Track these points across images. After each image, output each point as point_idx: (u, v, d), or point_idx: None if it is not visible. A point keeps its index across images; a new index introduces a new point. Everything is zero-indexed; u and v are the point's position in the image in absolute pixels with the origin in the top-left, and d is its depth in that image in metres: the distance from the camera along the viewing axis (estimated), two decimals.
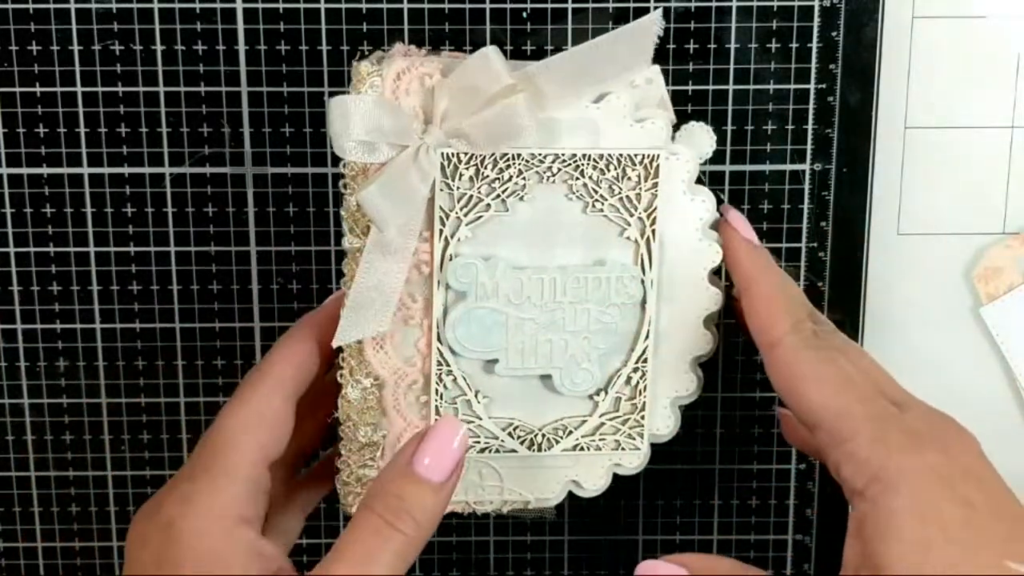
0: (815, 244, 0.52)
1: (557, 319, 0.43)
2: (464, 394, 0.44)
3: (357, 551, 0.38)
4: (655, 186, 0.42)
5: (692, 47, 0.50)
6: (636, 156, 0.42)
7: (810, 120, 0.51)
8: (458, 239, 0.42)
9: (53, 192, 0.51)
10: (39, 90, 0.50)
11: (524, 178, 0.42)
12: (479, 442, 0.44)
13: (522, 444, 0.44)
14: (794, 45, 0.50)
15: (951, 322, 0.54)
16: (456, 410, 0.44)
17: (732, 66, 0.50)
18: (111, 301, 0.52)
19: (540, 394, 0.44)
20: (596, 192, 0.42)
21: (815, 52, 0.50)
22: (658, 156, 0.42)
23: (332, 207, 0.51)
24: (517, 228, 0.42)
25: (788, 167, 0.51)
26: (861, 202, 0.51)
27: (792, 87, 0.50)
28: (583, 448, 0.44)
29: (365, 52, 0.49)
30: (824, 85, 0.50)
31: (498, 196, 0.42)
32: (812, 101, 0.51)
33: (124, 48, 0.50)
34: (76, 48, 0.50)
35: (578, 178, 0.42)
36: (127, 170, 0.51)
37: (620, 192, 0.42)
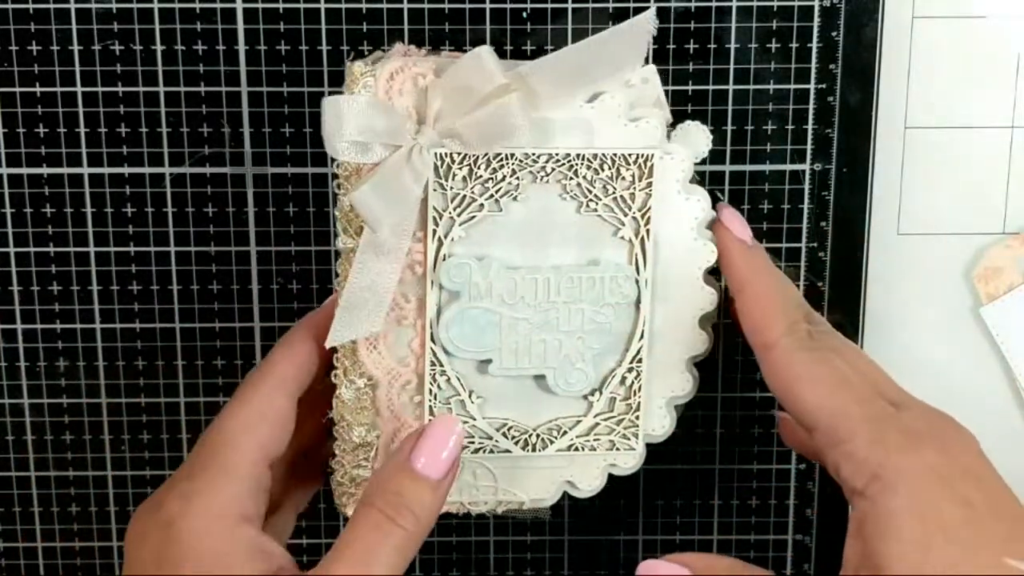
0: (815, 244, 0.52)
1: (551, 319, 0.43)
2: (458, 394, 0.44)
3: (359, 547, 0.38)
4: (649, 186, 0.42)
5: (692, 47, 0.50)
6: (630, 156, 0.42)
7: (810, 120, 0.51)
8: (451, 239, 0.42)
9: (53, 192, 0.51)
10: (39, 90, 0.50)
11: (518, 178, 0.42)
12: (473, 442, 0.44)
13: (516, 444, 0.44)
14: (794, 45, 0.50)
15: (951, 322, 0.54)
16: (450, 410, 0.44)
17: (732, 66, 0.50)
18: (111, 301, 0.52)
19: (534, 394, 0.44)
20: (590, 192, 0.42)
21: (815, 52, 0.50)
22: (652, 156, 0.42)
23: (332, 207, 0.51)
24: (511, 228, 0.42)
25: (788, 167, 0.51)
26: (861, 202, 0.51)
27: (792, 87, 0.50)
28: (577, 448, 0.44)
29: (365, 52, 0.49)
30: (824, 85, 0.50)
31: (491, 196, 0.42)
32: (812, 101, 0.51)
33: (124, 48, 0.50)
34: (76, 48, 0.50)
35: (572, 178, 0.42)
36: (127, 170, 0.51)
37: (614, 192, 0.42)
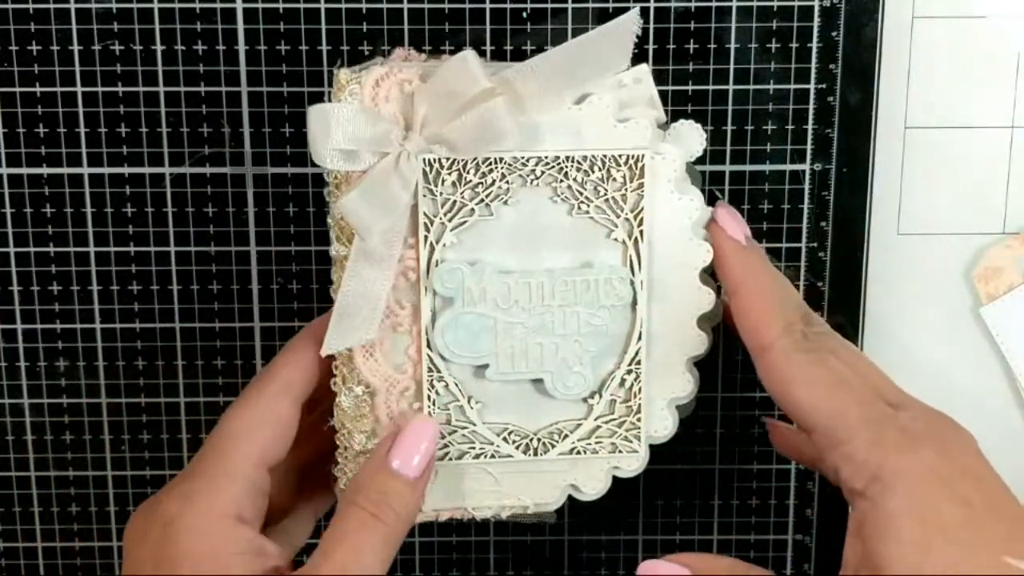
0: (815, 244, 0.52)
1: (546, 323, 0.43)
2: (456, 400, 0.43)
3: (347, 544, 0.39)
4: (641, 186, 0.42)
5: (692, 47, 0.50)
6: (620, 156, 0.42)
7: (810, 120, 0.51)
8: (443, 245, 0.42)
9: (53, 192, 0.51)
10: (39, 90, 0.50)
11: (508, 182, 0.42)
12: (474, 448, 0.44)
13: (518, 449, 0.44)
14: (794, 45, 0.50)
15: (951, 322, 0.54)
16: (449, 416, 0.43)
17: (732, 66, 0.50)
18: (111, 301, 0.52)
19: (533, 398, 0.44)
20: (581, 194, 0.42)
21: (815, 52, 0.50)
22: (643, 156, 0.42)
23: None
24: (502, 232, 0.42)
25: (788, 167, 0.51)
26: (861, 202, 0.51)
27: (792, 87, 0.50)
28: (580, 452, 0.44)
29: (365, 52, 0.49)
30: (824, 85, 0.50)
31: (482, 200, 0.42)
32: (812, 101, 0.51)
33: (124, 48, 0.50)
34: (76, 48, 0.50)
35: (562, 180, 0.42)
36: (127, 170, 0.51)
37: (606, 193, 0.42)
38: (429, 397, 0.43)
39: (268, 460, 0.42)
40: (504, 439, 0.44)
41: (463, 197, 0.42)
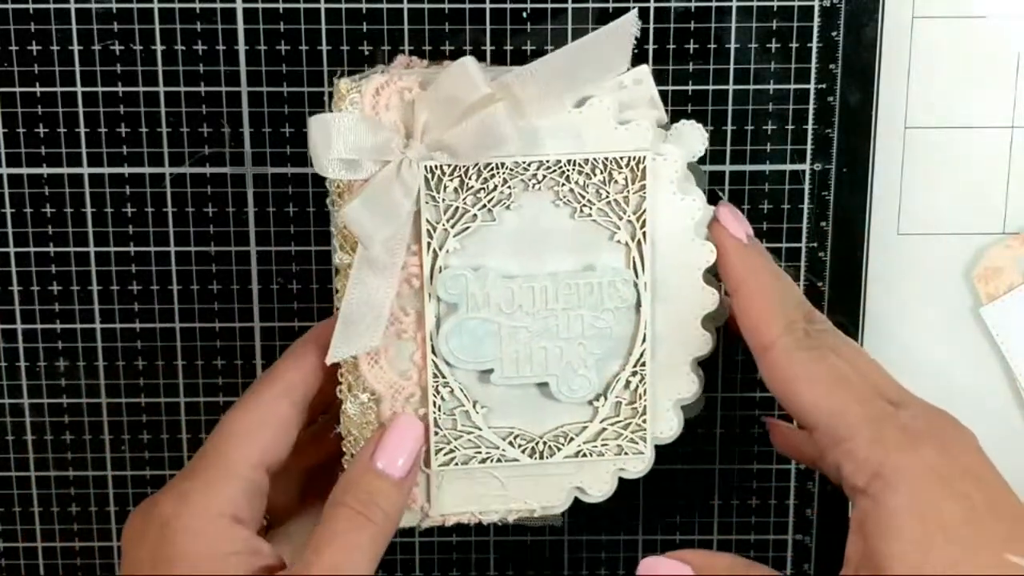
0: (815, 244, 0.52)
1: (550, 326, 0.43)
2: (462, 405, 0.43)
3: (336, 543, 0.39)
4: (643, 188, 0.42)
5: (692, 47, 0.50)
6: (621, 159, 0.42)
7: (810, 120, 0.51)
8: (447, 251, 0.42)
9: (53, 192, 0.51)
10: (39, 90, 0.50)
11: (509, 187, 0.42)
12: (480, 452, 0.44)
13: (524, 453, 0.44)
14: (794, 45, 0.50)
15: (951, 322, 0.54)
16: (455, 421, 0.43)
17: (732, 66, 0.50)
18: (111, 301, 0.52)
19: (539, 402, 0.44)
20: (583, 197, 0.42)
21: (815, 52, 0.50)
22: (644, 158, 0.42)
23: (333, 208, 0.51)
24: (505, 237, 0.42)
25: (788, 167, 0.51)
26: (861, 202, 0.51)
27: (792, 87, 0.50)
28: (586, 454, 0.44)
29: (365, 52, 0.49)
30: (824, 85, 0.50)
31: (484, 206, 0.42)
32: (812, 101, 0.51)
33: (124, 48, 0.50)
34: (76, 48, 0.50)
35: (564, 184, 0.42)
36: (127, 170, 0.51)
37: (608, 196, 0.42)
38: (434, 403, 0.43)
39: (267, 461, 0.42)
40: (510, 443, 0.44)
41: (465, 203, 0.42)
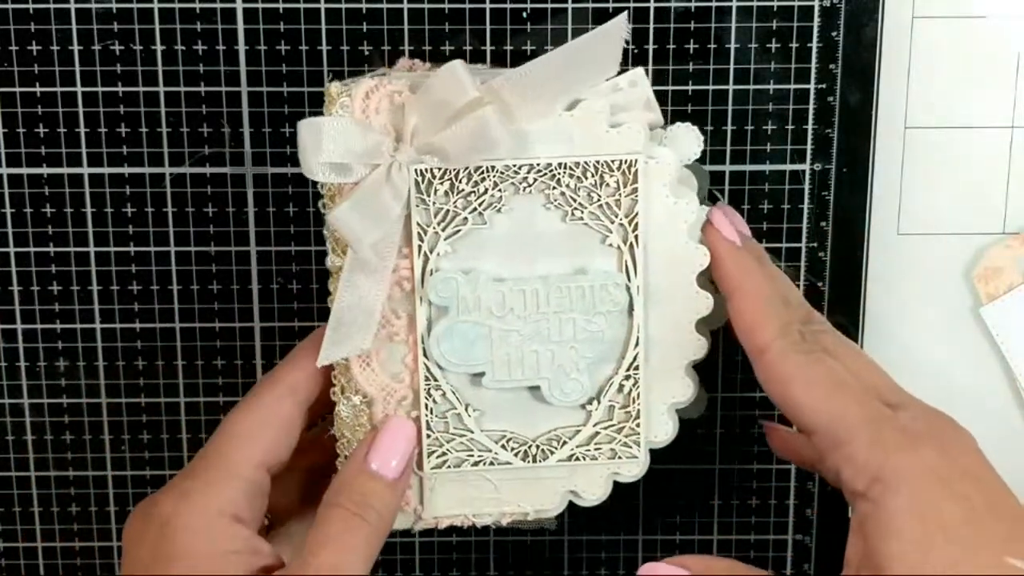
0: (815, 244, 0.52)
1: (542, 330, 0.43)
2: (454, 408, 0.43)
3: (331, 544, 0.39)
4: (635, 191, 0.42)
5: (692, 47, 0.50)
6: (613, 162, 0.42)
7: (810, 120, 0.51)
8: (438, 254, 0.42)
9: (53, 192, 0.51)
10: (39, 90, 0.50)
11: (500, 190, 0.41)
12: (472, 455, 0.44)
13: (516, 456, 0.44)
14: (794, 45, 0.50)
15: (951, 322, 0.54)
16: (447, 424, 0.43)
17: (732, 66, 0.50)
18: (111, 301, 0.52)
19: (531, 405, 0.44)
20: (574, 200, 0.42)
21: (815, 52, 0.50)
22: (636, 161, 0.42)
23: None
24: (497, 240, 0.42)
25: (788, 167, 0.51)
26: (861, 202, 0.51)
27: (792, 87, 0.50)
28: (579, 458, 0.44)
29: (365, 52, 0.49)
30: (824, 85, 0.50)
31: (475, 209, 0.42)
32: (812, 101, 0.51)
33: (124, 48, 0.50)
34: (76, 48, 0.50)
35: (555, 187, 0.42)
36: (127, 170, 0.51)
37: (599, 199, 0.42)
38: (426, 406, 0.43)
39: (268, 462, 0.42)
40: (503, 446, 0.44)
41: (456, 206, 0.42)
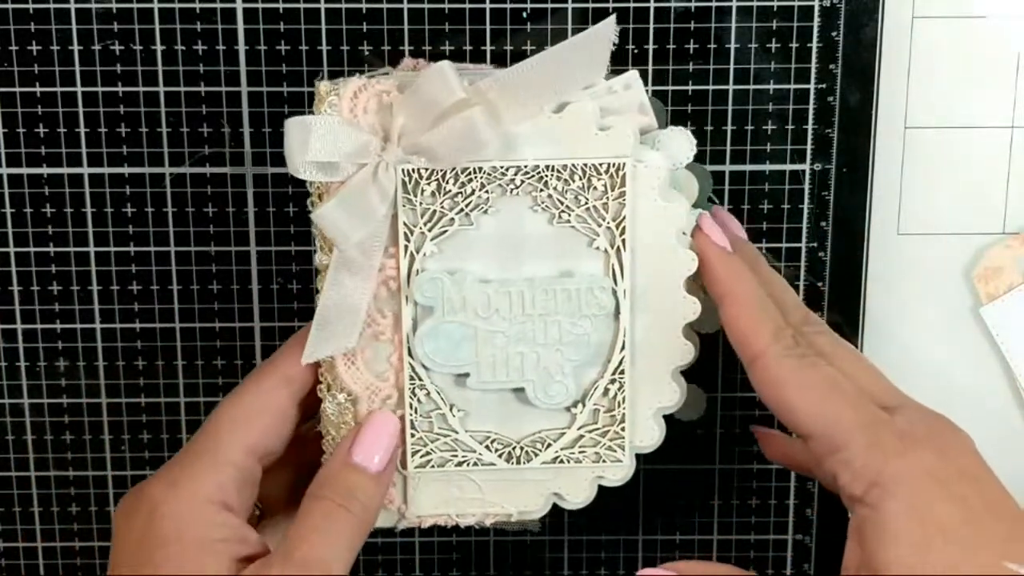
0: (815, 244, 0.52)
1: (527, 332, 0.43)
2: (439, 408, 0.43)
3: (315, 534, 0.40)
4: (623, 195, 0.42)
5: (692, 47, 0.50)
6: (601, 165, 0.41)
7: (810, 120, 0.51)
8: (424, 254, 0.42)
9: (53, 192, 0.51)
10: (39, 90, 0.50)
11: (487, 191, 0.41)
12: (456, 455, 0.44)
13: (500, 457, 0.44)
14: (794, 45, 0.50)
15: (951, 322, 0.54)
16: (431, 424, 0.43)
17: (732, 66, 0.50)
18: (111, 301, 0.52)
19: (516, 407, 0.44)
20: (562, 203, 0.42)
21: (815, 52, 0.50)
22: (624, 165, 0.41)
23: None
24: (483, 242, 0.42)
25: (788, 167, 0.51)
26: (861, 202, 0.51)
27: (792, 87, 0.50)
28: (563, 461, 0.44)
29: (365, 52, 0.49)
30: (824, 85, 0.50)
31: (462, 210, 0.42)
32: (812, 101, 0.51)
33: (124, 48, 0.50)
34: (76, 48, 0.50)
35: (542, 189, 0.41)
36: (127, 170, 0.51)
37: (587, 202, 0.42)
38: (411, 405, 0.43)
39: (259, 451, 0.42)
40: (487, 447, 0.44)
41: (443, 207, 0.41)
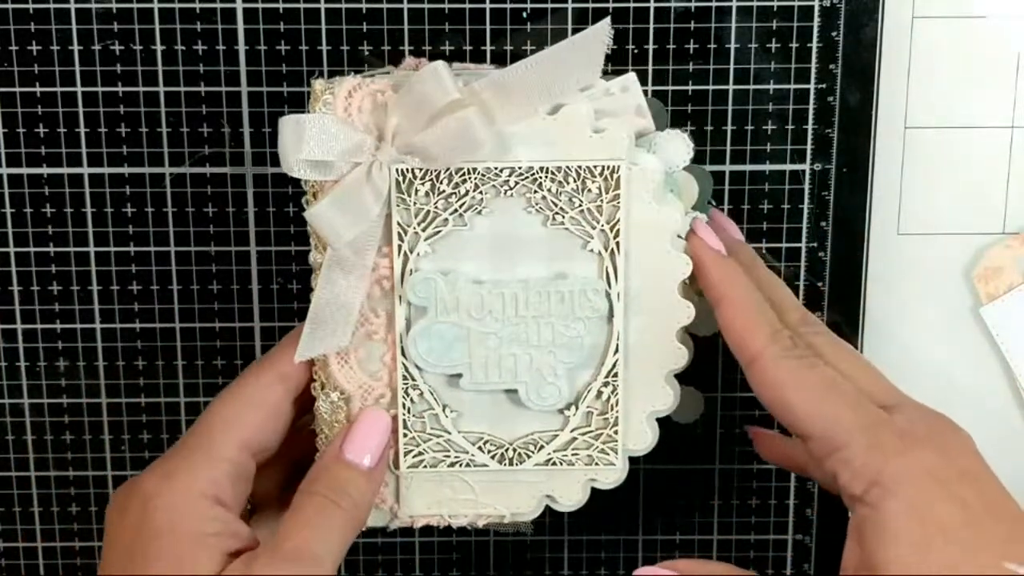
0: (815, 244, 0.52)
1: (520, 333, 0.43)
2: (431, 408, 0.43)
3: (307, 527, 0.40)
4: (617, 198, 0.42)
5: (692, 47, 0.50)
6: (595, 167, 0.41)
7: (810, 120, 0.51)
8: (417, 254, 0.42)
9: (53, 192, 0.51)
10: (39, 90, 0.50)
11: (481, 192, 0.41)
12: (449, 456, 0.44)
13: (493, 459, 0.44)
14: (794, 45, 0.50)
15: (951, 322, 0.54)
16: (424, 424, 0.43)
17: (732, 66, 0.50)
18: (111, 301, 0.52)
19: (509, 408, 0.44)
20: (556, 205, 0.42)
21: (815, 52, 0.50)
22: (618, 167, 0.41)
23: None
24: (477, 242, 0.42)
25: (788, 167, 0.51)
26: (861, 202, 0.51)
27: (792, 87, 0.50)
28: (556, 463, 0.44)
29: (365, 52, 0.49)
30: (824, 85, 0.50)
31: (456, 211, 0.42)
32: (812, 101, 0.51)
33: (124, 48, 0.50)
34: (76, 48, 0.50)
35: (536, 191, 0.41)
36: (127, 170, 0.51)
37: (581, 204, 0.42)
38: (404, 405, 0.43)
39: (253, 446, 0.42)
40: (479, 448, 0.44)
41: (436, 207, 0.41)
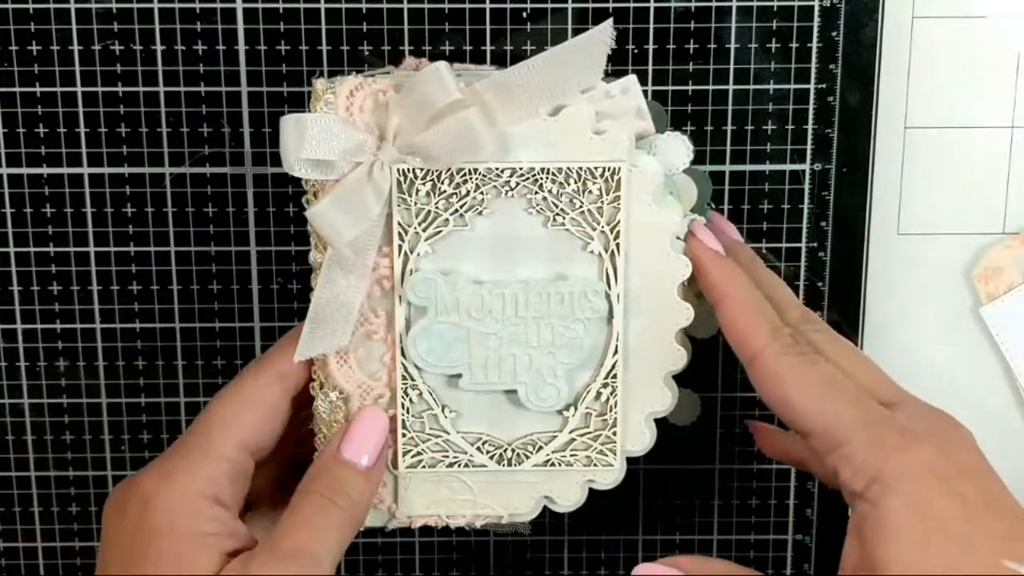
0: (815, 244, 0.52)
1: (520, 334, 0.43)
2: (431, 408, 0.43)
3: (304, 526, 0.40)
4: (617, 199, 0.42)
5: (692, 47, 0.50)
6: (596, 169, 0.41)
7: (810, 120, 0.51)
8: (418, 254, 0.42)
9: (53, 192, 0.51)
10: (39, 90, 0.50)
11: (482, 192, 0.41)
12: (447, 456, 0.44)
13: (491, 459, 0.44)
14: (794, 45, 0.50)
15: (951, 322, 0.54)
16: (423, 424, 0.43)
17: (732, 66, 0.50)
18: (111, 301, 0.52)
19: (508, 409, 0.44)
20: (556, 206, 0.42)
21: (815, 52, 0.50)
22: (619, 169, 0.41)
23: None
24: (477, 243, 0.42)
25: (788, 167, 0.51)
26: (861, 202, 0.51)
27: (792, 87, 0.50)
28: (554, 464, 0.44)
29: (365, 52, 0.49)
30: (824, 85, 0.50)
31: (456, 211, 0.42)
32: (812, 101, 0.51)
33: (124, 48, 0.50)
34: (76, 48, 0.50)
35: (537, 192, 0.42)
36: (127, 170, 0.51)
37: (581, 206, 0.42)
38: (403, 405, 0.43)
39: (252, 446, 0.42)
40: (478, 449, 0.44)
41: (437, 207, 0.41)
